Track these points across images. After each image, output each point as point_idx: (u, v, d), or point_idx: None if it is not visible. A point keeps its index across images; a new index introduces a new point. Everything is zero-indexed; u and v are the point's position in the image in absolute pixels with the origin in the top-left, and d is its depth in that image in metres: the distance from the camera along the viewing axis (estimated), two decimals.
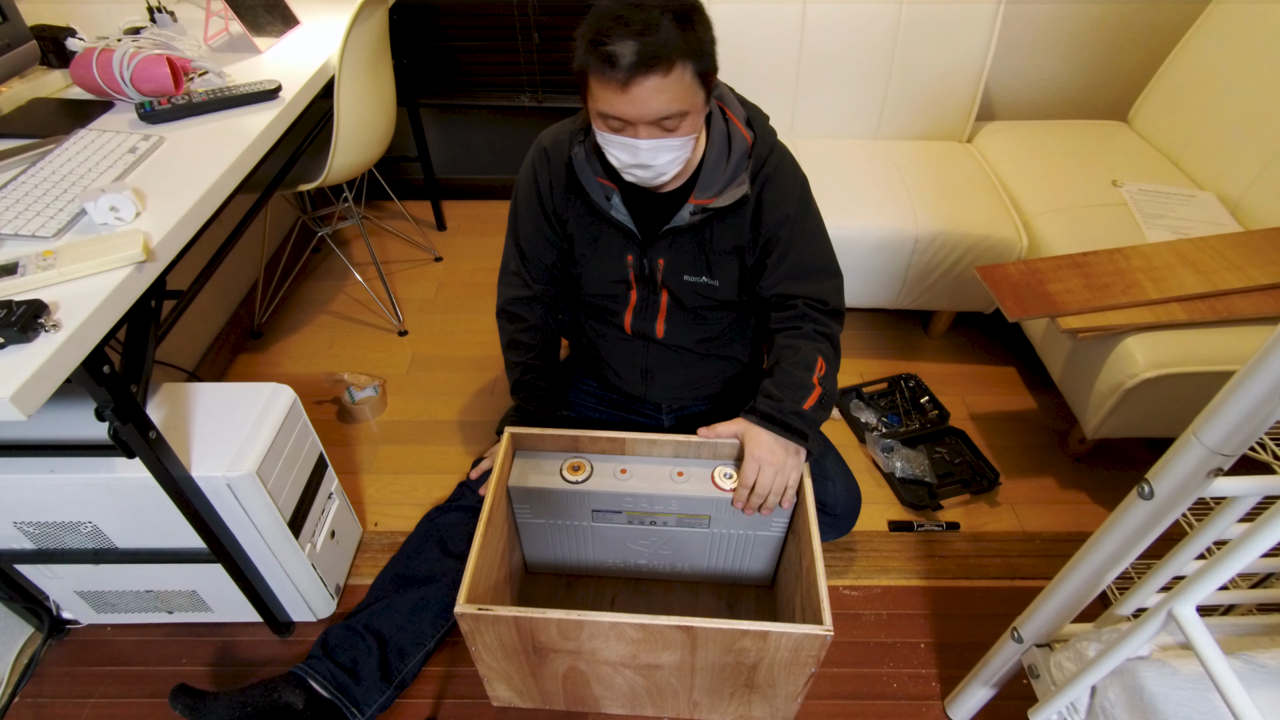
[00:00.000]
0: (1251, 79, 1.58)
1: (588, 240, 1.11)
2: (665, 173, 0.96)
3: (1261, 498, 0.68)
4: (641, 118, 0.87)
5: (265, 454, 1.03)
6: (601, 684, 1.08)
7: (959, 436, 1.61)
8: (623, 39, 0.82)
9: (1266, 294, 1.33)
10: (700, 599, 1.30)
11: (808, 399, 1.04)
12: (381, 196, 2.42)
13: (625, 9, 0.83)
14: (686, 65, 0.85)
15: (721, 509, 1.11)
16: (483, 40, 2.08)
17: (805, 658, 0.95)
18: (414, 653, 1.16)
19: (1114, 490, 1.53)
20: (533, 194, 1.12)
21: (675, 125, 0.90)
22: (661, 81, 0.84)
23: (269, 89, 1.26)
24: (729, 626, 0.91)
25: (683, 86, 0.86)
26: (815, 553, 0.98)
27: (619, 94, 0.85)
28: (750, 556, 1.22)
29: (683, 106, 0.88)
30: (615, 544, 1.22)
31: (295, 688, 1.07)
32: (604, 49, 0.83)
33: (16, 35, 1.15)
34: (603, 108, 0.89)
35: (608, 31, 0.83)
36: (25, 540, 1.09)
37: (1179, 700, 0.74)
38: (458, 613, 0.93)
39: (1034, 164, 1.80)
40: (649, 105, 0.86)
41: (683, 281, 1.11)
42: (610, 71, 0.83)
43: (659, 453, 1.13)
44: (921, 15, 1.75)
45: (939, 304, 1.78)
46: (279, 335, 1.94)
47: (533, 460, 1.14)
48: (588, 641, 0.97)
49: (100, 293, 0.83)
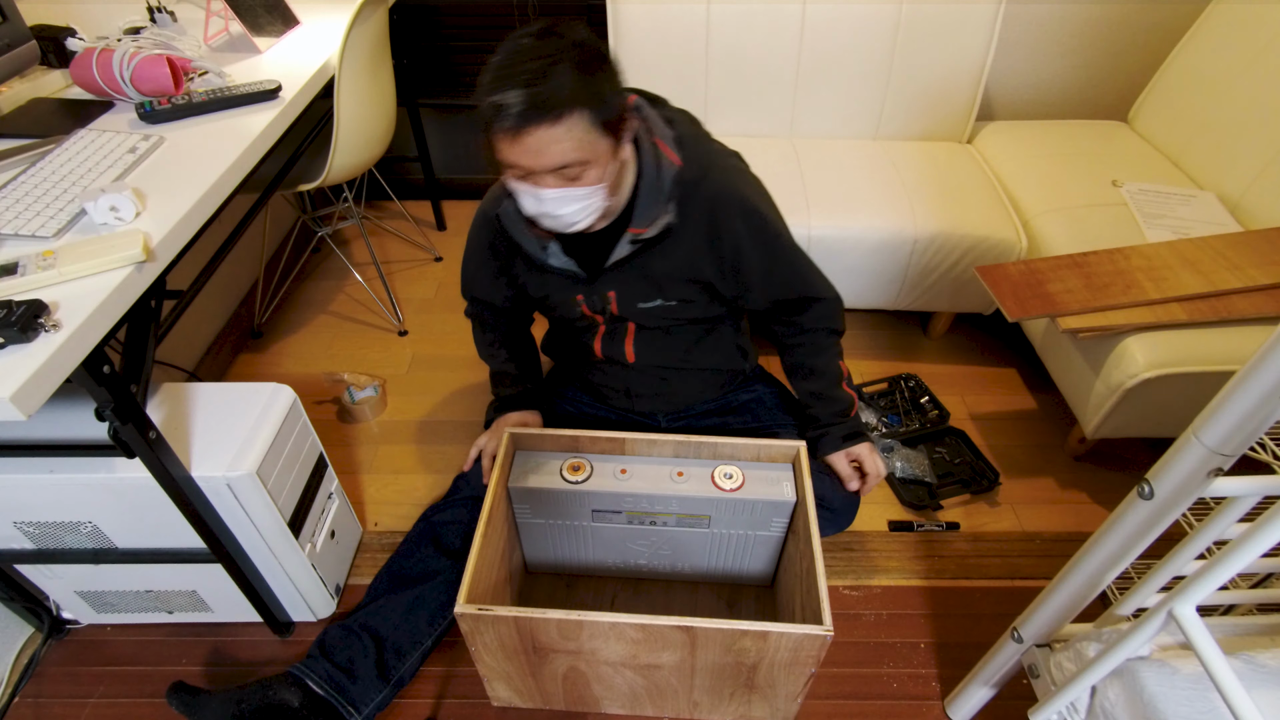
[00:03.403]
0: (1251, 79, 1.58)
1: (538, 287, 1.13)
2: (576, 222, 0.94)
3: (1261, 498, 0.68)
4: (538, 167, 0.86)
5: (265, 454, 1.03)
6: (601, 684, 1.08)
7: (959, 436, 1.61)
8: (510, 88, 0.80)
9: (1266, 294, 1.33)
10: (700, 599, 1.30)
11: (854, 407, 1.22)
12: (381, 196, 2.42)
13: (518, 58, 0.82)
14: (583, 114, 0.83)
15: (722, 509, 1.11)
16: (483, 40, 2.08)
17: (805, 658, 0.95)
18: (411, 651, 1.16)
19: (1114, 490, 1.53)
20: (486, 257, 1.15)
21: (577, 174, 0.87)
22: (553, 131, 0.82)
23: (269, 89, 1.26)
24: (729, 627, 0.91)
25: (578, 135, 0.84)
26: (815, 553, 0.99)
27: (512, 143, 0.84)
28: (750, 556, 1.22)
29: (581, 156, 0.85)
30: (615, 544, 1.22)
31: (292, 687, 1.07)
32: (493, 99, 0.81)
33: (16, 35, 1.15)
34: (501, 156, 0.87)
35: (499, 79, 0.81)
36: (25, 540, 1.09)
37: (1179, 700, 0.74)
38: (457, 612, 0.93)
39: (1034, 164, 1.80)
40: (544, 155, 0.84)
41: (638, 308, 1.11)
42: (501, 122, 0.82)
43: (659, 453, 1.13)
44: (921, 15, 1.75)
45: (939, 305, 1.78)
46: (279, 335, 1.94)
47: (533, 460, 1.14)
48: (588, 642, 0.97)
49: (100, 293, 0.83)
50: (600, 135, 0.86)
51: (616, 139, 0.89)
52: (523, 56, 0.82)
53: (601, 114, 0.84)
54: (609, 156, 0.89)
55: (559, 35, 0.83)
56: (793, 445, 1.12)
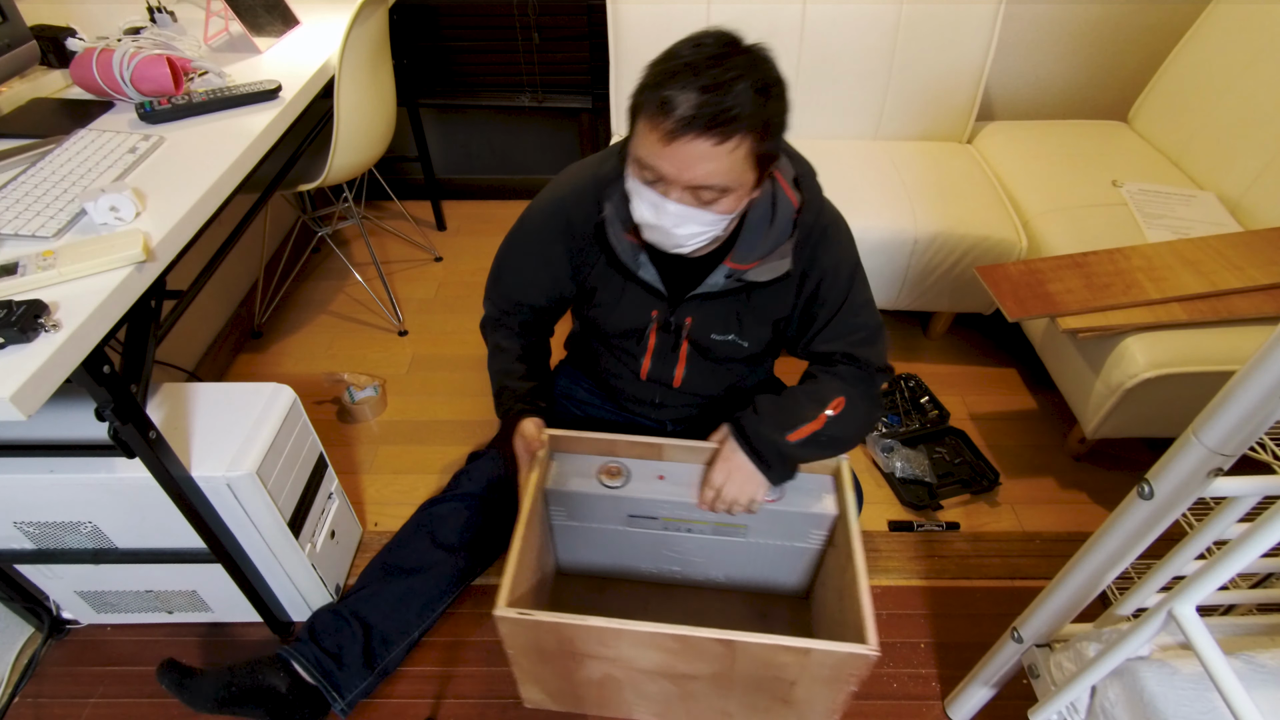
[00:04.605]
0: (1251, 79, 1.58)
1: (611, 292, 1.03)
2: (684, 245, 0.87)
3: (1261, 498, 0.68)
4: (677, 178, 0.78)
5: (265, 454, 1.03)
6: (635, 690, 1.06)
7: (959, 436, 1.61)
8: (687, 88, 0.73)
9: (1266, 294, 1.33)
10: (731, 607, 1.27)
11: (798, 430, 0.98)
12: (381, 196, 2.42)
13: (702, 57, 0.74)
14: (746, 139, 0.76)
15: (760, 519, 1.08)
16: (483, 40, 2.08)
17: (846, 676, 0.92)
18: (398, 641, 1.17)
19: (1114, 490, 1.53)
20: (552, 248, 1.03)
21: (713, 199, 0.80)
22: (715, 148, 0.75)
23: (269, 89, 1.26)
24: (770, 642, 0.87)
25: (733, 161, 0.77)
26: (859, 570, 0.94)
27: (662, 145, 0.76)
28: (785, 567, 1.19)
29: (726, 182, 0.78)
30: (648, 549, 1.19)
31: (280, 671, 1.08)
32: (663, 92, 0.74)
33: (16, 35, 1.15)
34: (641, 154, 0.80)
35: (674, 74, 0.74)
36: (25, 540, 1.09)
37: (1179, 700, 0.75)
38: (497, 615, 0.90)
39: (1034, 164, 1.80)
40: (689, 169, 0.77)
41: (710, 339, 1.04)
42: (661, 118, 0.74)
43: (697, 459, 1.09)
44: (921, 15, 1.75)
45: (939, 305, 1.78)
46: (279, 335, 1.94)
47: (570, 463, 1.11)
48: (626, 650, 0.95)
49: (100, 293, 0.83)
50: (752, 166, 0.80)
51: (763, 173, 0.83)
52: (706, 58, 0.74)
53: (762, 145, 0.78)
54: (749, 189, 0.83)
55: (745, 51, 0.77)
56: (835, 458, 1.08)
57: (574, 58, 2.08)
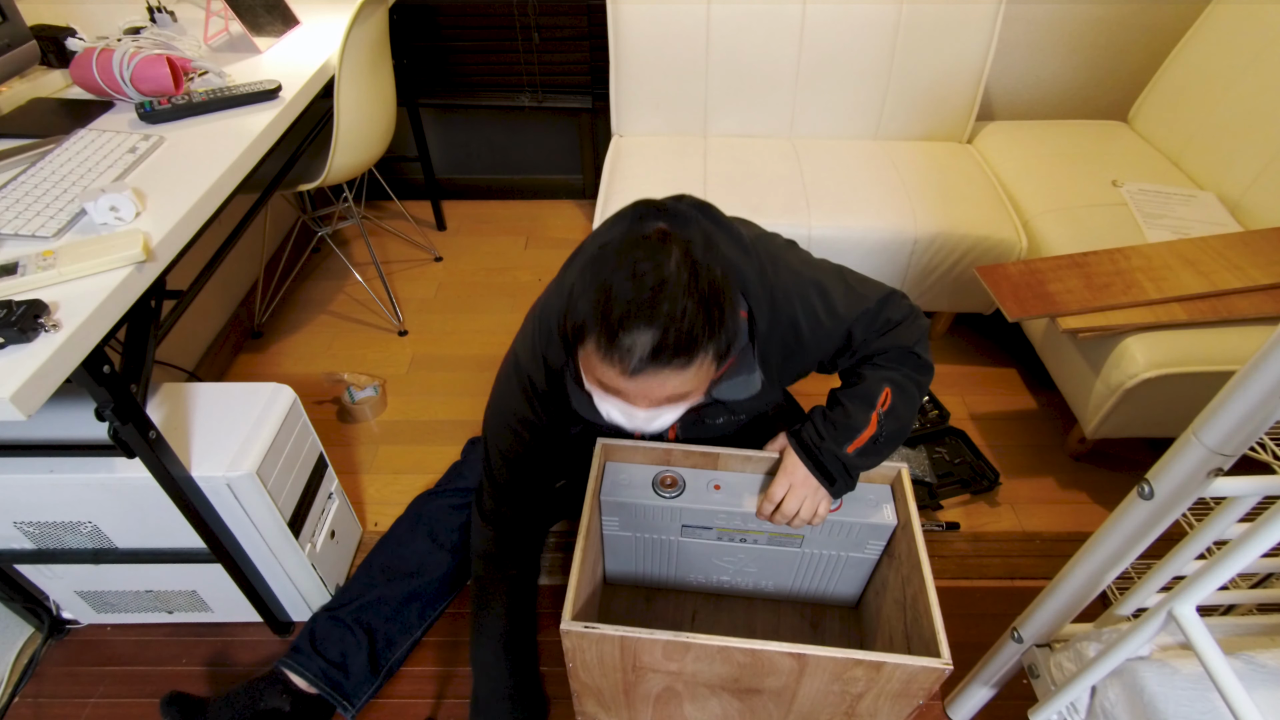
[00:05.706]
0: (1251, 79, 1.58)
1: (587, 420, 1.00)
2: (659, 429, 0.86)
3: (1261, 498, 0.68)
4: (644, 399, 0.77)
5: (265, 454, 1.03)
6: (694, 704, 1.04)
7: (959, 436, 1.61)
8: (639, 329, 0.70)
9: (1266, 294, 1.33)
10: (782, 618, 1.26)
11: (856, 439, 0.95)
12: (381, 196, 2.42)
13: (644, 293, 0.70)
14: (708, 353, 0.74)
15: (817, 529, 1.06)
16: (483, 40, 2.08)
17: (916, 690, 0.90)
18: (402, 642, 1.19)
19: (1114, 490, 1.53)
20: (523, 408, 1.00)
21: (680, 400, 0.80)
22: (675, 374, 0.74)
23: (269, 89, 1.26)
24: (843, 656, 0.85)
25: (699, 373, 0.75)
26: (927, 581, 0.93)
27: (623, 380, 0.74)
28: (839, 577, 1.18)
29: (693, 388, 0.78)
30: (701, 559, 1.18)
31: (282, 693, 1.08)
32: (617, 336, 0.71)
33: (16, 35, 1.15)
34: (601, 378, 0.77)
35: (622, 318, 0.70)
36: (25, 540, 1.09)
37: (1179, 700, 0.75)
38: (563, 630, 0.88)
39: (1034, 164, 1.80)
40: (655, 392, 0.75)
41: (702, 424, 1.06)
42: (620, 359, 0.72)
43: (753, 469, 1.07)
44: (921, 15, 1.75)
45: (939, 305, 1.78)
46: (279, 335, 1.94)
47: (623, 473, 1.09)
48: (691, 664, 0.92)
49: (100, 293, 0.83)
50: (716, 365, 0.78)
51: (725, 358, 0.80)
52: (649, 290, 0.71)
53: (723, 346, 0.76)
54: (714, 375, 0.82)
55: (682, 260, 0.72)
56: (893, 467, 1.06)
57: (574, 58, 2.09)
